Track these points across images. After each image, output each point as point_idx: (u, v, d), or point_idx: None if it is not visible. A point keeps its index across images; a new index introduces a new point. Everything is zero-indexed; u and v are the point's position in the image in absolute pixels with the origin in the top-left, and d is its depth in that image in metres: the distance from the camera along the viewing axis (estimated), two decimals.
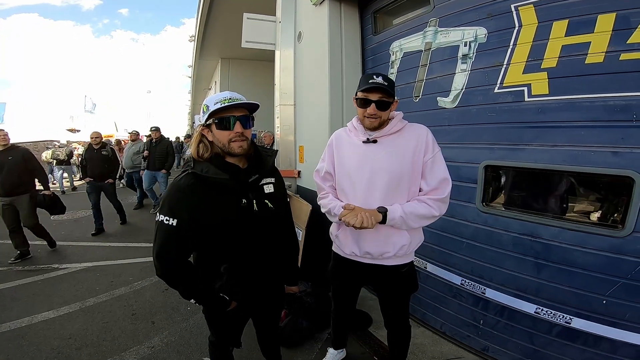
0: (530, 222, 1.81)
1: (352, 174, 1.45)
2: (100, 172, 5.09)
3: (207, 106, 1.18)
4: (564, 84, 1.63)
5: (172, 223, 1.12)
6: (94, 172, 5.07)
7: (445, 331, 2.32)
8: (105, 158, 5.14)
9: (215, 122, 1.17)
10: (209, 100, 1.20)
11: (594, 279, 1.60)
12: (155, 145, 6.19)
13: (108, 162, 5.18)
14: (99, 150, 5.14)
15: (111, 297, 3.07)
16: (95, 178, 5.07)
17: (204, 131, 1.21)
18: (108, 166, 5.17)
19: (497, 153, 1.93)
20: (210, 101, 1.18)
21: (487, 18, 1.95)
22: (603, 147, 1.52)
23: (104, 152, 5.15)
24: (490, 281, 2.00)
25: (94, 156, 5.09)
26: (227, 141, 1.18)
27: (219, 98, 1.17)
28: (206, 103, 1.20)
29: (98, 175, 5.08)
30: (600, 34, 1.52)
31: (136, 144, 6.86)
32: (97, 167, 5.07)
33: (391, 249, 1.45)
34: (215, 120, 1.17)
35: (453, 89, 2.12)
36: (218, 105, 1.14)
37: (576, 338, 1.68)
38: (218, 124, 1.17)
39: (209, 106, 1.17)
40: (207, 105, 1.19)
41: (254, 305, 1.42)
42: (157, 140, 6.22)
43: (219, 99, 1.17)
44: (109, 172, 5.20)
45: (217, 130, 1.18)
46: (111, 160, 5.24)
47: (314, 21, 3.15)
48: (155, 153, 6.15)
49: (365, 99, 1.36)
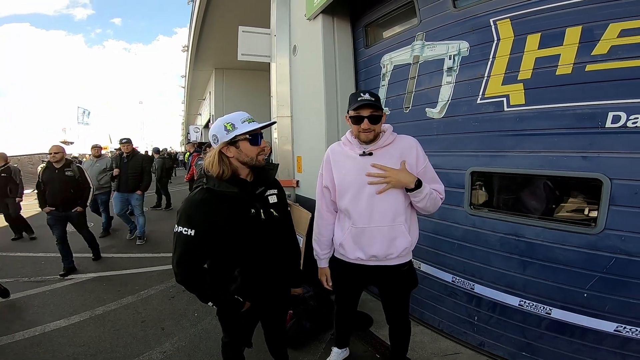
0: (514, 222, 1.94)
1: (353, 187, 1.57)
2: (63, 198, 3.90)
3: (233, 125, 1.30)
4: (538, 94, 1.78)
5: (191, 233, 1.25)
6: (56, 198, 3.89)
7: (443, 329, 2.43)
8: (70, 180, 3.94)
9: (249, 139, 1.31)
10: (232, 119, 1.32)
11: (574, 274, 1.73)
12: (126, 162, 5.04)
13: (74, 185, 3.99)
14: (62, 170, 3.92)
15: (120, 305, 3.18)
16: (57, 207, 3.89)
17: (224, 149, 1.32)
18: (75, 190, 4.00)
19: (481, 160, 2.07)
20: (236, 120, 1.31)
21: (469, 32, 2.09)
22: (574, 152, 1.67)
23: (68, 172, 3.94)
24: (480, 279, 2.13)
25: (55, 178, 3.88)
26: (255, 155, 1.33)
27: (244, 117, 1.32)
28: (230, 122, 1.31)
29: (61, 203, 3.89)
30: (569, 47, 1.67)
31: (101, 161, 5.73)
32: (60, 192, 3.88)
33: (394, 250, 1.58)
34: (249, 137, 1.31)
35: (440, 100, 2.27)
36: (247, 125, 1.30)
37: (563, 330, 1.79)
38: (252, 140, 1.32)
39: (235, 125, 1.30)
40: (232, 124, 1.31)
41: (264, 305, 1.55)
42: (129, 155, 5.08)
43: (245, 118, 1.32)
44: (75, 197, 4.01)
45: (249, 147, 1.32)
46: (78, 182, 4.04)
47: (308, 35, 3.30)
48: (127, 171, 5.03)
49: (358, 116, 1.48)
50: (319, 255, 1.77)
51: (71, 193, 3.97)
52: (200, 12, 7.57)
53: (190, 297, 3.27)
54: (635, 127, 1.48)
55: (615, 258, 1.59)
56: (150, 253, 4.68)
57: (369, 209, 1.55)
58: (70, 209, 3.99)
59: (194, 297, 3.45)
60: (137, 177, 5.09)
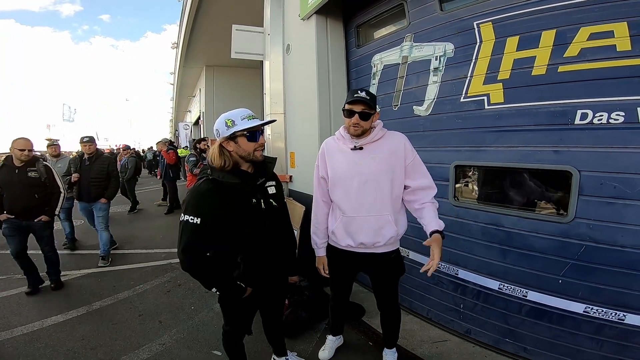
0: (494, 212, 2.08)
1: (344, 178, 1.70)
2: (25, 204, 3.15)
3: (233, 121, 1.40)
4: (515, 93, 1.91)
5: (197, 221, 1.34)
6: (15, 205, 3.14)
7: (432, 317, 2.54)
8: (34, 183, 3.17)
9: (246, 135, 1.40)
10: (233, 115, 1.41)
11: (549, 260, 1.86)
12: (89, 165, 4.10)
13: (40, 189, 3.23)
14: (24, 171, 3.15)
15: (116, 300, 3.21)
16: (16, 215, 3.16)
17: (224, 143, 1.42)
18: (40, 195, 3.23)
19: (464, 154, 2.20)
20: (236, 116, 1.40)
21: (454, 34, 2.21)
22: (547, 147, 1.81)
23: (32, 172, 3.15)
24: (465, 267, 2.26)
25: (15, 180, 3.13)
26: (252, 150, 1.42)
27: (245, 114, 1.41)
28: (231, 118, 1.41)
29: (22, 210, 3.16)
30: (544, 49, 1.80)
31: (62, 160, 4.72)
32: (21, 198, 3.14)
33: (381, 239, 1.70)
34: (246, 134, 1.40)
35: (426, 99, 2.39)
36: (247, 122, 1.39)
37: (542, 316, 1.91)
38: (250, 137, 1.41)
39: (235, 121, 1.39)
40: (232, 121, 1.40)
41: (264, 291, 1.65)
42: (92, 157, 4.14)
43: (245, 115, 1.41)
44: (41, 204, 3.24)
45: (247, 142, 1.41)
46: (45, 185, 3.26)
47: (301, 34, 3.38)
48: (89, 176, 4.09)
49: (351, 110, 1.60)
50: (317, 244, 1.88)
51: (35, 199, 3.19)
52: (192, 10, 7.55)
53: (186, 291, 3.34)
54: (600, 123, 1.62)
55: (585, 246, 1.72)
56: (144, 249, 4.71)
57: (358, 199, 1.67)
58: (34, 218, 3.21)
59: (189, 291, 3.52)
60: (102, 183, 4.17)
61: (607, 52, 1.58)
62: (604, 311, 1.69)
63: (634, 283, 1.60)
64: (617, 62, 1.55)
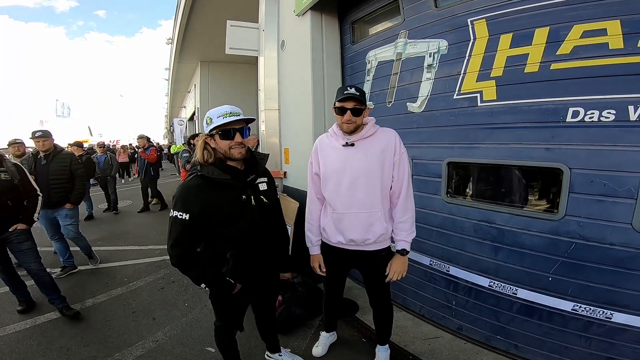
0: (486, 209, 2.09)
1: (335, 174, 1.70)
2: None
3: (211, 119, 1.41)
4: (508, 90, 1.91)
5: (185, 217, 1.34)
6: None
7: (424, 314, 2.56)
8: (5, 187, 2.61)
9: (219, 133, 1.40)
10: (212, 113, 1.42)
11: (540, 258, 1.87)
12: (45, 164, 3.45)
13: (12, 194, 2.66)
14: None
15: (109, 297, 3.20)
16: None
17: (207, 140, 1.44)
18: (14, 201, 2.67)
19: (457, 151, 2.20)
20: (214, 114, 1.41)
21: (448, 31, 2.20)
22: (538, 145, 1.81)
23: (2, 174, 2.61)
24: (457, 264, 2.27)
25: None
26: (227, 148, 1.41)
27: (222, 112, 1.40)
28: (209, 116, 1.42)
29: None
30: (537, 46, 1.79)
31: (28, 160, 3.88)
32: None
33: (371, 236, 1.71)
34: (219, 132, 1.40)
35: (420, 96, 2.38)
36: (221, 120, 1.38)
37: (532, 313, 1.92)
38: (222, 134, 1.40)
39: (212, 119, 1.40)
40: (210, 118, 1.41)
41: (254, 288, 1.65)
42: (48, 155, 3.48)
43: (222, 113, 1.39)
44: (14, 211, 2.68)
45: (220, 140, 1.41)
46: (17, 189, 2.70)
47: (296, 30, 3.35)
48: (47, 177, 3.41)
49: (342, 108, 1.60)
50: (312, 242, 1.87)
51: (9, 206, 2.62)
52: (187, 5, 7.47)
53: (180, 288, 3.33)
54: (591, 121, 1.62)
55: (575, 243, 1.73)
56: (137, 246, 4.69)
57: (349, 196, 1.67)
58: (6, 229, 2.63)
59: (183, 288, 3.51)
60: (65, 185, 3.51)
61: (600, 50, 1.57)
62: (592, 309, 1.71)
63: (622, 281, 1.61)
64: (609, 60, 1.55)
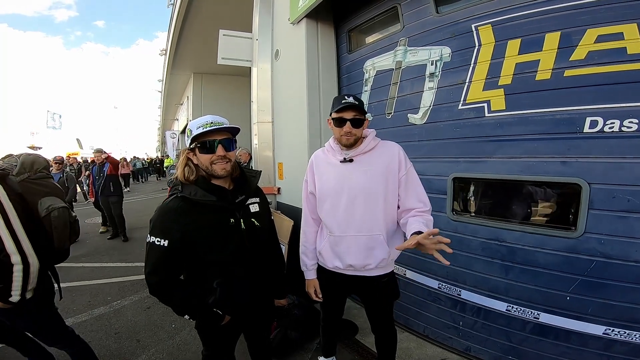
0: (495, 227, 1.95)
1: (332, 194, 1.54)
2: None
3: (191, 130, 1.24)
4: (518, 99, 1.80)
5: (164, 244, 1.16)
6: None
7: (428, 334, 2.40)
8: None
9: (197, 146, 1.23)
10: (192, 124, 1.25)
11: (556, 277, 1.74)
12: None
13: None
14: None
15: (90, 316, 3.00)
16: None
17: (189, 154, 1.27)
18: None
19: (462, 166, 2.08)
20: (193, 125, 1.24)
21: (451, 38, 2.11)
22: (553, 158, 1.69)
23: None
24: (464, 284, 2.12)
25: None
26: (209, 163, 1.24)
27: (202, 122, 1.23)
28: (190, 127, 1.26)
29: None
30: (548, 52, 1.69)
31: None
32: None
33: (372, 261, 1.53)
34: (197, 145, 1.23)
35: (422, 106, 2.27)
36: (200, 130, 1.21)
37: (548, 333, 1.79)
38: (200, 147, 1.23)
39: (192, 130, 1.23)
40: (190, 130, 1.25)
41: (246, 319, 1.46)
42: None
43: (202, 123, 1.23)
44: None
45: (200, 154, 1.24)
46: None
47: (291, 39, 3.26)
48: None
49: (340, 118, 1.45)
50: (307, 266, 1.70)
51: None
52: (180, 16, 7.45)
53: (167, 308, 3.08)
54: (612, 131, 1.51)
55: (595, 261, 1.61)
56: (124, 262, 4.44)
57: (347, 217, 1.50)
58: None
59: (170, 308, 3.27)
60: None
61: (617, 55, 1.47)
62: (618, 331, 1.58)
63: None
64: (629, 65, 1.44)
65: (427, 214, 1.48)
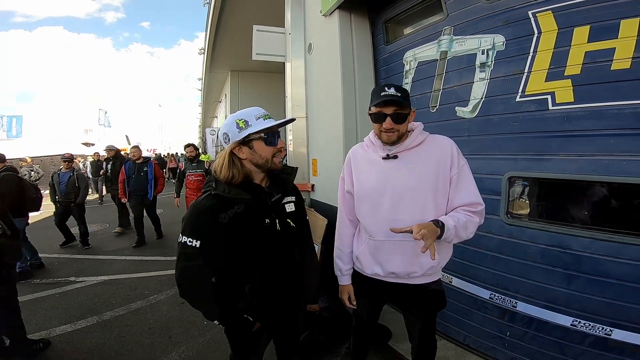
0: (559, 233, 1.76)
1: (372, 195, 1.39)
2: None
3: (247, 122, 1.16)
4: (589, 91, 1.60)
5: (196, 244, 1.12)
6: None
7: (469, 343, 2.26)
8: None
9: (263, 138, 1.17)
10: (244, 115, 1.18)
11: (630, 289, 1.54)
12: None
13: None
14: None
15: (128, 310, 3.10)
16: None
17: (235, 149, 1.18)
18: None
19: (521, 164, 1.89)
20: (249, 116, 1.17)
21: (504, 25, 1.93)
22: (633, 156, 1.48)
23: None
24: (517, 293, 1.94)
25: None
26: (271, 156, 1.19)
27: (259, 113, 1.17)
28: (243, 118, 1.17)
29: None
30: (625, 39, 1.49)
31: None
32: None
33: (418, 269, 1.38)
34: (264, 136, 1.16)
35: (472, 99, 2.09)
36: (262, 122, 1.15)
37: (612, 348, 1.60)
38: (266, 139, 1.17)
39: (248, 122, 1.16)
40: (245, 121, 1.16)
41: (277, 325, 1.40)
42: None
43: (260, 114, 1.17)
44: None
45: (264, 147, 1.17)
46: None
47: (324, 32, 3.18)
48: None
49: (379, 113, 1.30)
50: (342, 271, 1.57)
51: None
52: (215, 14, 7.58)
53: None
54: None
55: None
56: (163, 256, 4.59)
57: (390, 220, 1.33)
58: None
59: None
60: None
61: None
62: None
63: None
64: None
65: (475, 215, 1.32)
